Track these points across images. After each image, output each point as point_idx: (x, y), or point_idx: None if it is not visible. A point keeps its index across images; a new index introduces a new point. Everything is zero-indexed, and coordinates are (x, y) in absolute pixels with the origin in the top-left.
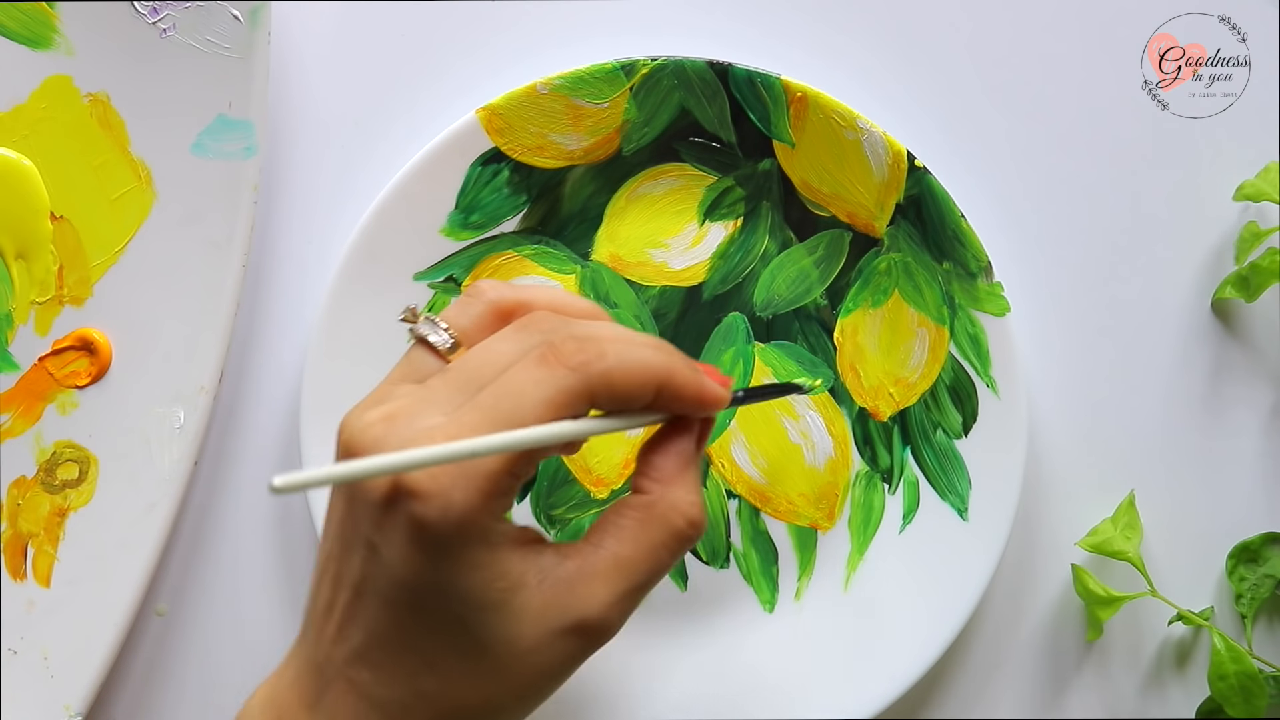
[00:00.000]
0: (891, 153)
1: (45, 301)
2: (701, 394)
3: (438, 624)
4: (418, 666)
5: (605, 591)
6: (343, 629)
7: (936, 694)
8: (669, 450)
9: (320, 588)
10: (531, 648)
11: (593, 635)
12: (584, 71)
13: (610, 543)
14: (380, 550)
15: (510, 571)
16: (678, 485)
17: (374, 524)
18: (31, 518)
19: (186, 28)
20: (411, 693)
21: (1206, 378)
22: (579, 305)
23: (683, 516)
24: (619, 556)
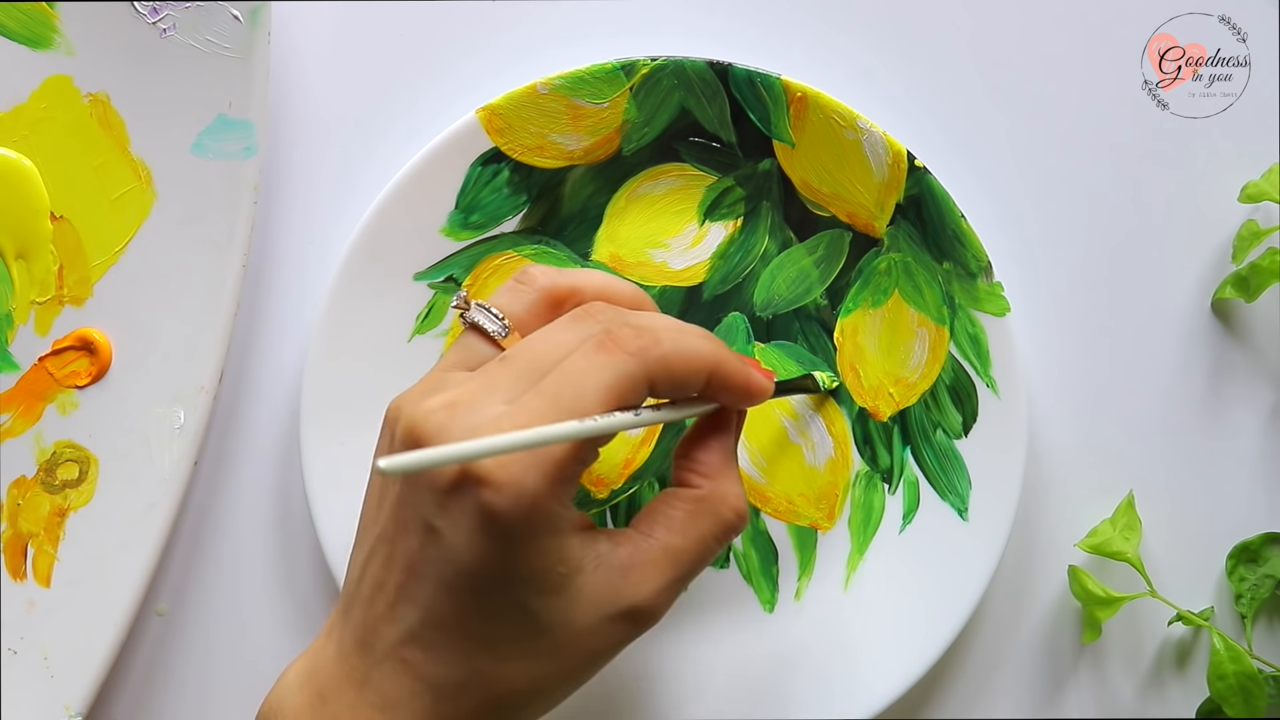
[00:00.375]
0: (891, 153)
1: (45, 301)
2: (749, 383)
3: (498, 608)
4: (474, 648)
5: (656, 579)
6: (395, 608)
7: (936, 694)
8: (711, 445)
9: (369, 566)
10: (585, 630)
11: (642, 620)
12: (584, 71)
13: (661, 533)
14: (443, 534)
15: (571, 556)
16: (723, 478)
17: (438, 507)
18: (31, 518)
19: (186, 28)
20: (467, 673)
21: (1206, 378)
22: (626, 290)
23: (731, 509)
24: (669, 546)
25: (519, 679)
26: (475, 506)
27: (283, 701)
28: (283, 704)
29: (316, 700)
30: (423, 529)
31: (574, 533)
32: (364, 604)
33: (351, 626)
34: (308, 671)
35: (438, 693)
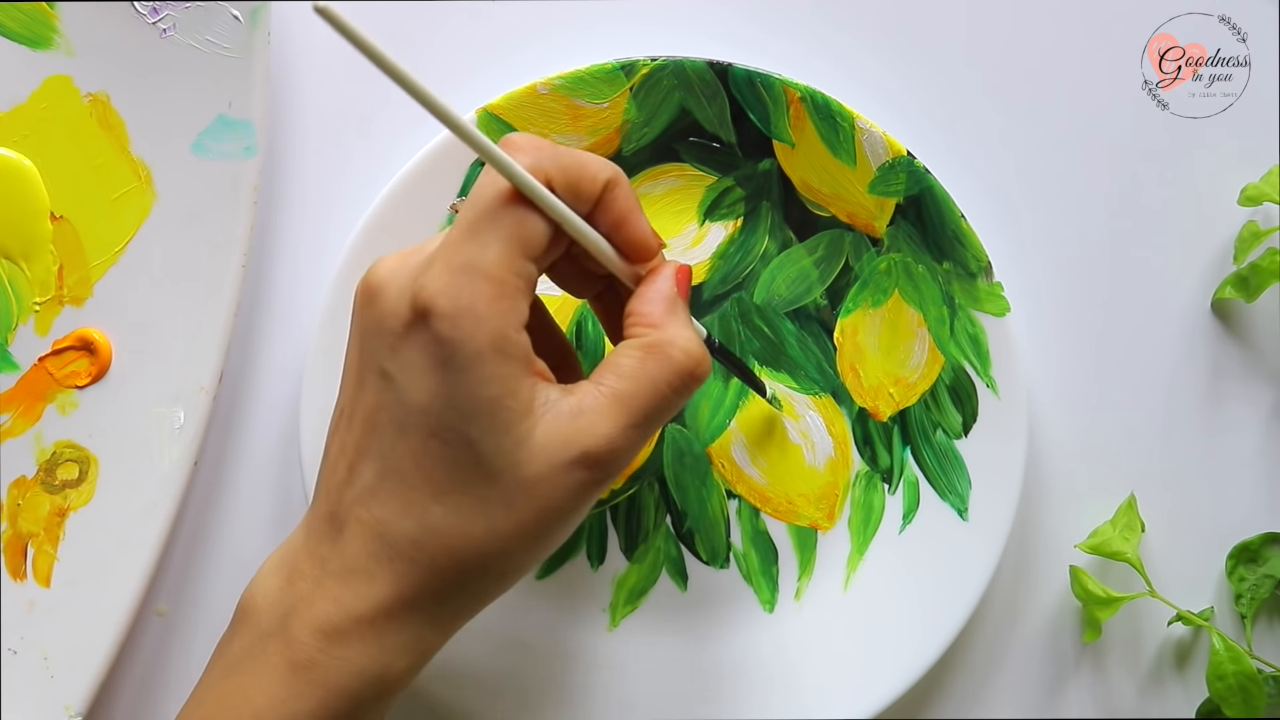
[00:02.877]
0: (891, 153)
1: (45, 301)
2: (636, 219)
3: (449, 448)
4: (427, 496)
5: (607, 424)
6: (354, 467)
7: (936, 694)
8: (649, 296)
9: (333, 438)
10: (537, 477)
11: (596, 468)
12: (584, 72)
13: (610, 379)
14: (396, 377)
15: (521, 392)
16: (671, 323)
17: (390, 351)
18: (31, 518)
19: (186, 28)
20: (421, 526)
21: (1206, 378)
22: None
23: (681, 351)
24: (619, 392)
25: (474, 533)
26: (425, 340)
27: (256, 589)
28: (256, 591)
29: (285, 582)
30: (378, 378)
31: (525, 366)
32: (328, 475)
33: (318, 502)
34: (280, 557)
35: (395, 552)
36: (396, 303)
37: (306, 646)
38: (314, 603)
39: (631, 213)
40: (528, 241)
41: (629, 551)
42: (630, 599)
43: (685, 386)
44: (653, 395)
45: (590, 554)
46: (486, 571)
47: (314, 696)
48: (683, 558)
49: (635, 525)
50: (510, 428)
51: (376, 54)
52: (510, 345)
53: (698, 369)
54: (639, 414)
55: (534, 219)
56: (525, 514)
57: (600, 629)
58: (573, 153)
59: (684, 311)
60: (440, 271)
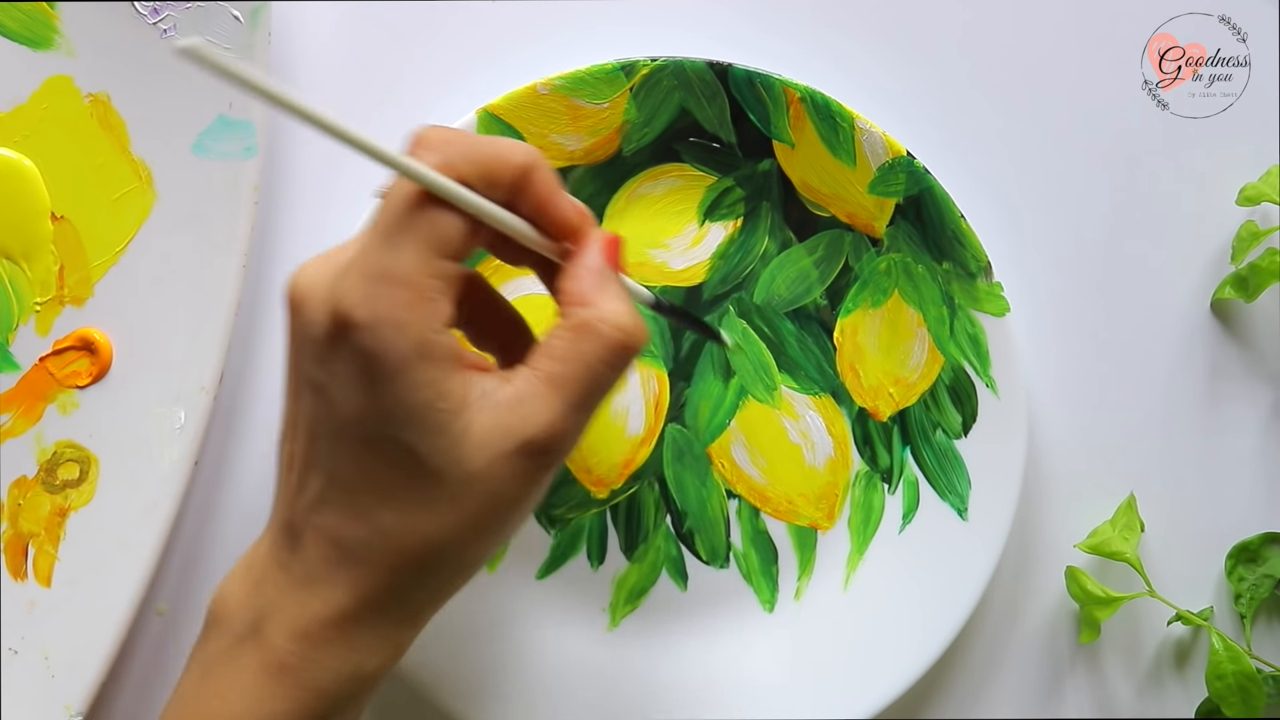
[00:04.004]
0: (891, 153)
1: (46, 302)
2: (557, 199)
3: (387, 455)
4: (373, 502)
5: (546, 411)
6: (303, 478)
7: (935, 694)
8: (576, 273)
9: (283, 447)
10: (480, 470)
11: (539, 454)
12: (584, 72)
13: (545, 363)
14: (326, 389)
15: (452, 392)
16: (600, 298)
17: (318, 363)
18: (32, 517)
19: (187, 28)
20: (371, 530)
21: (1206, 378)
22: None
23: (613, 326)
24: (554, 375)
25: (425, 531)
26: (348, 352)
27: (226, 594)
28: (226, 596)
29: (253, 587)
30: (311, 390)
31: (453, 365)
32: (283, 484)
33: (277, 511)
34: (247, 563)
35: (351, 557)
36: (318, 313)
37: (280, 650)
38: (283, 607)
39: (551, 193)
40: (443, 241)
41: (629, 551)
42: (630, 599)
43: (620, 360)
44: (588, 375)
45: (590, 554)
46: (443, 565)
47: (291, 698)
48: (683, 557)
49: (635, 525)
50: (445, 428)
51: (247, 80)
52: (433, 348)
53: (630, 341)
54: (576, 395)
55: (447, 217)
56: (473, 508)
57: (600, 629)
58: (486, 142)
59: (614, 283)
60: (355, 281)
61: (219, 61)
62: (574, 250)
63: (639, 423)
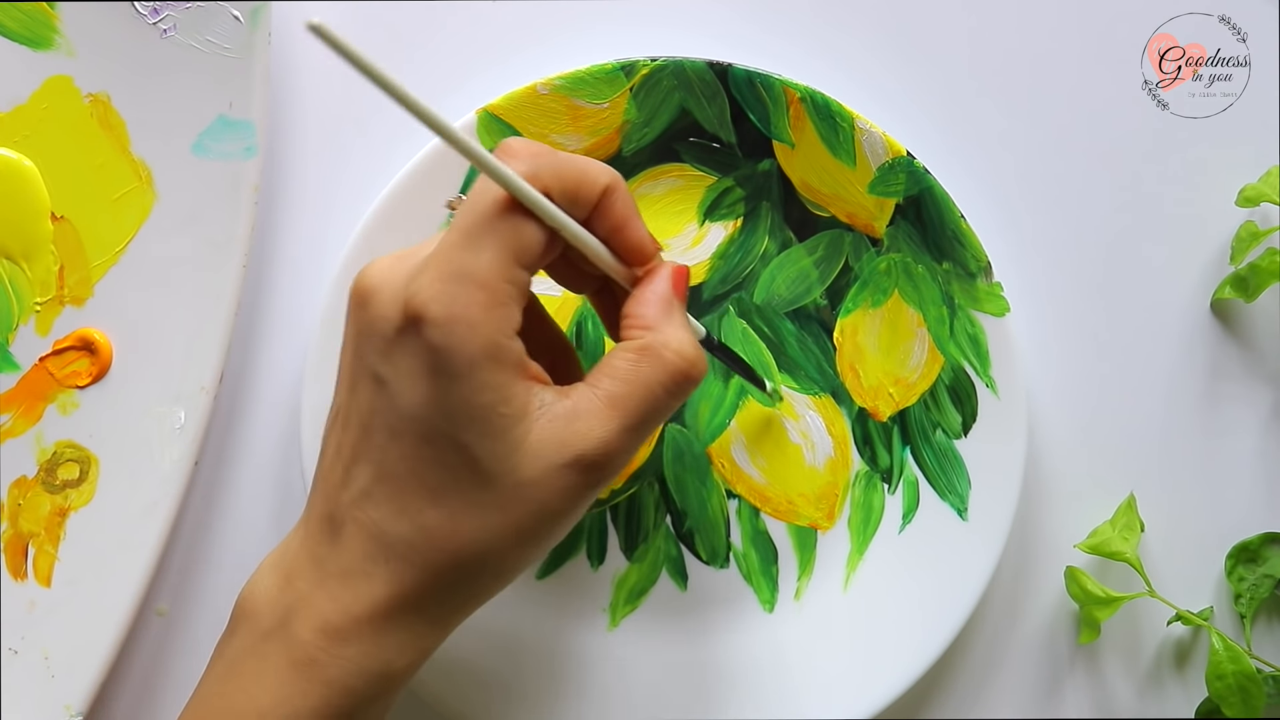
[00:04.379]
0: (891, 153)
1: (46, 302)
2: (634, 223)
3: (443, 453)
4: (422, 500)
5: (601, 428)
6: (350, 470)
7: (935, 694)
8: (645, 298)
9: (329, 439)
10: (531, 480)
11: (590, 471)
12: (584, 72)
13: (605, 382)
14: (389, 383)
15: (514, 398)
16: (665, 325)
17: (383, 355)
18: (32, 517)
19: (187, 28)
20: (416, 528)
21: (1205, 378)
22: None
23: (676, 353)
24: (613, 395)
25: (470, 534)
26: (417, 346)
27: (254, 589)
28: (254, 591)
29: (284, 582)
30: (372, 381)
31: (518, 372)
32: (324, 476)
33: (315, 503)
34: (277, 557)
35: (392, 553)
36: (389, 307)
37: (308, 646)
38: (314, 602)
39: (629, 218)
40: (523, 249)
41: (629, 551)
42: (630, 599)
43: (680, 388)
44: (647, 398)
45: (590, 554)
46: (483, 571)
47: (317, 695)
48: (683, 558)
49: (635, 525)
50: (504, 433)
51: (371, 69)
52: (503, 352)
53: (692, 370)
54: (633, 416)
55: (530, 227)
56: (520, 516)
57: (600, 629)
58: (571, 159)
59: (680, 313)
60: (433, 278)
61: (347, 46)
62: (642, 276)
63: None
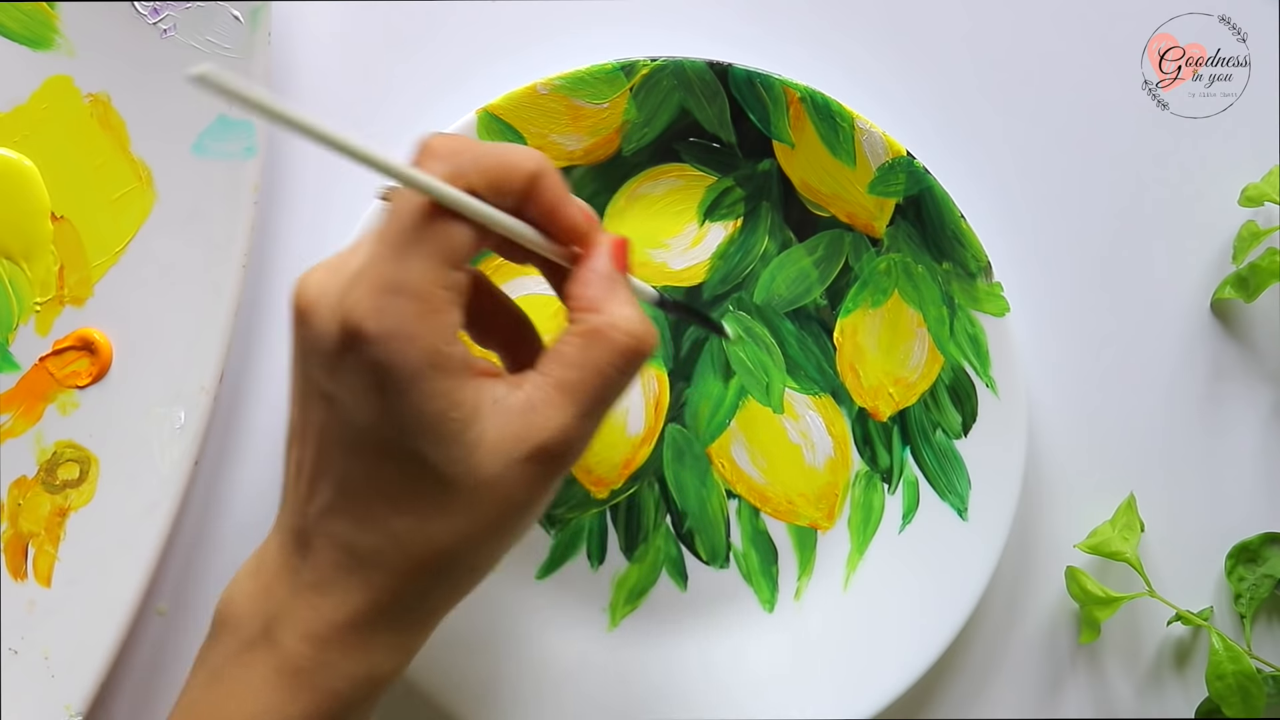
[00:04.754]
0: (891, 153)
1: (46, 302)
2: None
3: (400, 464)
4: (386, 510)
5: (558, 417)
6: (313, 485)
7: (935, 694)
8: (586, 278)
9: (290, 453)
10: (493, 477)
11: (551, 460)
12: (584, 72)
13: (556, 370)
14: (337, 400)
15: (464, 401)
16: (609, 303)
17: (327, 373)
18: (32, 517)
19: (187, 28)
20: (384, 537)
21: (1206, 378)
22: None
23: (624, 333)
24: (565, 381)
25: (438, 537)
26: (359, 364)
27: (234, 597)
28: (234, 599)
29: (263, 591)
30: (321, 400)
31: (465, 375)
32: (291, 490)
33: (285, 515)
34: (254, 566)
35: (363, 563)
36: (328, 323)
37: (294, 653)
38: (295, 611)
39: (560, 199)
40: (453, 252)
41: (629, 551)
42: (630, 599)
43: (630, 366)
44: (599, 381)
45: (590, 554)
46: (455, 570)
47: (306, 700)
48: (683, 558)
49: (635, 525)
50: (458, 436)
51: (260, 103)
52: (445, 359)
53: (641, 346)
54: (587, 401)
55: (458, 228)
56: (487, 513)
57: (600, 629)
58: (492, 149)
59: (623, 287)
60: (366, 292)
61: (233, 87)
62: (582, 254)
63: (639, 423)
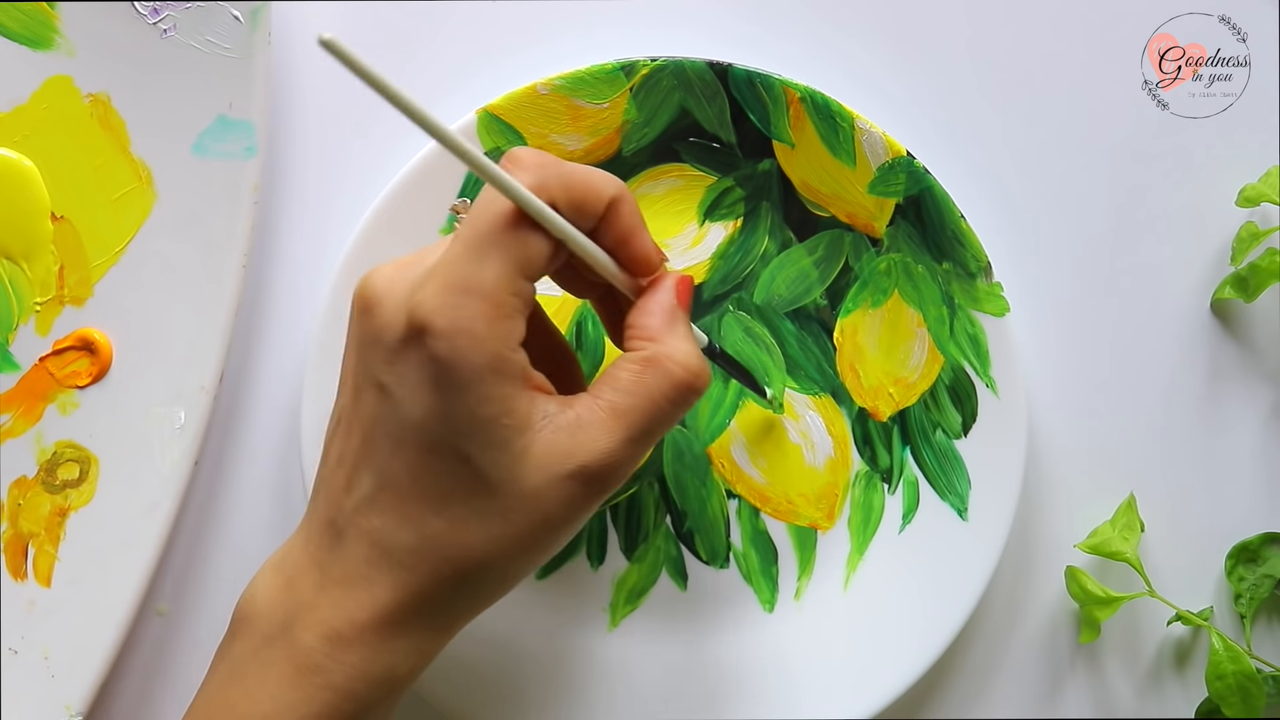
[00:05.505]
0: (891, 153)
1: (46, 302)
2: (639, 233)
3: (446, 464)
4: (425, 509)
5: (605, 439)
6: (352, 477)
7: (935, 694)
8: (649, 309)
9: (331, 444)
10: (535, 490)
11: (593, 481)
12: (584, 72)
13: (609, 393)
14: (392, 391)
15: (518, 409)
16: (669, 337)
17: (386, 364)
18: (32, 517)
19: (187, 28)
20: (419, 536)
21: (1205, 378)
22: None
23: (679, 365)
24: (616, 405)
25: (473, 543)
26: (421, 357)
27: (255, 593)
28: (255, 596)
29: (285, 586)
30: (375, 390)
31: (521, 384)
32: (327, 482)
33: (317, 508)
34: (279, 561)
35: (395, 560)
36: (394, 316)
37: (312, 651)
38: (317, 607)
39: (635, 228)
40: (528, 262)
41: (629, 551)
42: (630, 599)
43: (683, 400)
44: (650, 409)
45: (590, 554)
46: (486, 578)
47: (321, 700)
48: (683, 558)
49: (635, 525)
50: (508, 444)
51: (383, 85)
52: (507, 365)
53: (695, 382)
54: (637, 428)
55: (536, 239)
56: (523, 525)
57: (600, 629)
58: (577, 169)
59: (683, 323)
60: (438, 289)
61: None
62: (646, 287)
63: None
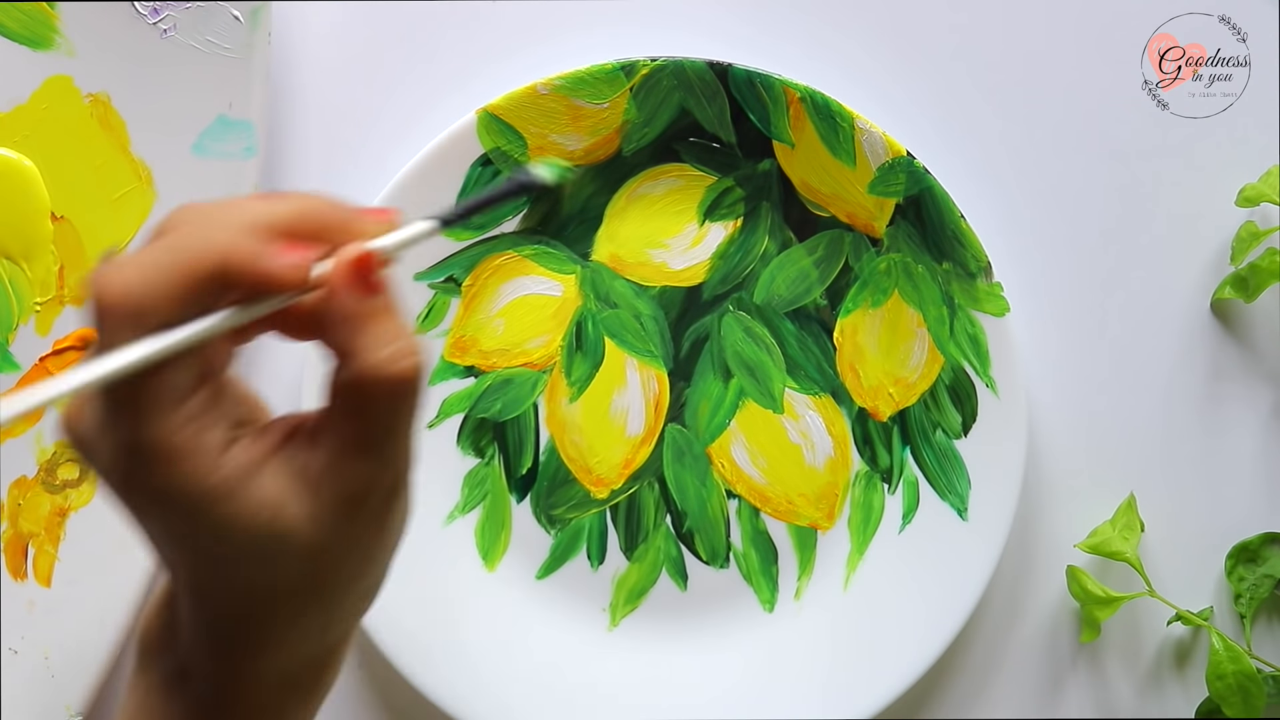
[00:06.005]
0: (891, 153)
1: (46, 302)
2: (264, 273)
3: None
4: (197, 561)
5: (357, 467)
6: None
7: (935, 694)
8: (330, 323)
9: None
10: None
11: (361, 504)
12: (584, 72)
13: (329, 438)
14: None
15: (265, 504)
16: (360, 345)
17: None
18: (32, 517)
19: (187, 28)
20: (208, 575)
21: (1205, 378)
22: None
23: (379, 376)
24: (349, 436)
25: (254, 577)
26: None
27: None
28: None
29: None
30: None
31: (220, 451)
32: None
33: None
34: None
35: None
36: (112, 466)
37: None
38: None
39: (256, 284)
40: (176, 394)
41: (629, 551)
42: (630, 599)
43: (403, 397)
44: (380, 431)
45: (590, 554)
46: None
47: None
48: (683, 558)
49: (635, 525)
50: (232, 495)
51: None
52: (199, 449)
53: (403, 381)
54: (380, 448)
55: (163, 380)
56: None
57: (600, 629)
58: (169, 267)
59: (371, 320)
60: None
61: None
62: (317, 298)
63: (639, 423)
